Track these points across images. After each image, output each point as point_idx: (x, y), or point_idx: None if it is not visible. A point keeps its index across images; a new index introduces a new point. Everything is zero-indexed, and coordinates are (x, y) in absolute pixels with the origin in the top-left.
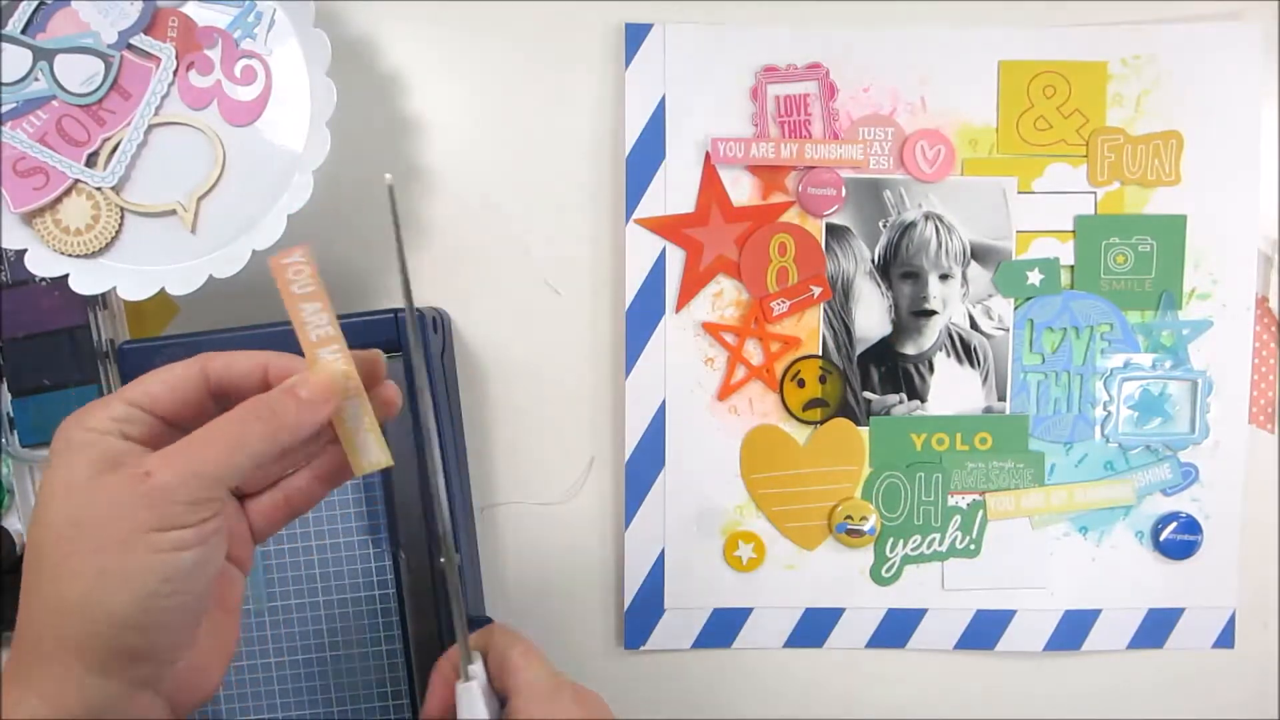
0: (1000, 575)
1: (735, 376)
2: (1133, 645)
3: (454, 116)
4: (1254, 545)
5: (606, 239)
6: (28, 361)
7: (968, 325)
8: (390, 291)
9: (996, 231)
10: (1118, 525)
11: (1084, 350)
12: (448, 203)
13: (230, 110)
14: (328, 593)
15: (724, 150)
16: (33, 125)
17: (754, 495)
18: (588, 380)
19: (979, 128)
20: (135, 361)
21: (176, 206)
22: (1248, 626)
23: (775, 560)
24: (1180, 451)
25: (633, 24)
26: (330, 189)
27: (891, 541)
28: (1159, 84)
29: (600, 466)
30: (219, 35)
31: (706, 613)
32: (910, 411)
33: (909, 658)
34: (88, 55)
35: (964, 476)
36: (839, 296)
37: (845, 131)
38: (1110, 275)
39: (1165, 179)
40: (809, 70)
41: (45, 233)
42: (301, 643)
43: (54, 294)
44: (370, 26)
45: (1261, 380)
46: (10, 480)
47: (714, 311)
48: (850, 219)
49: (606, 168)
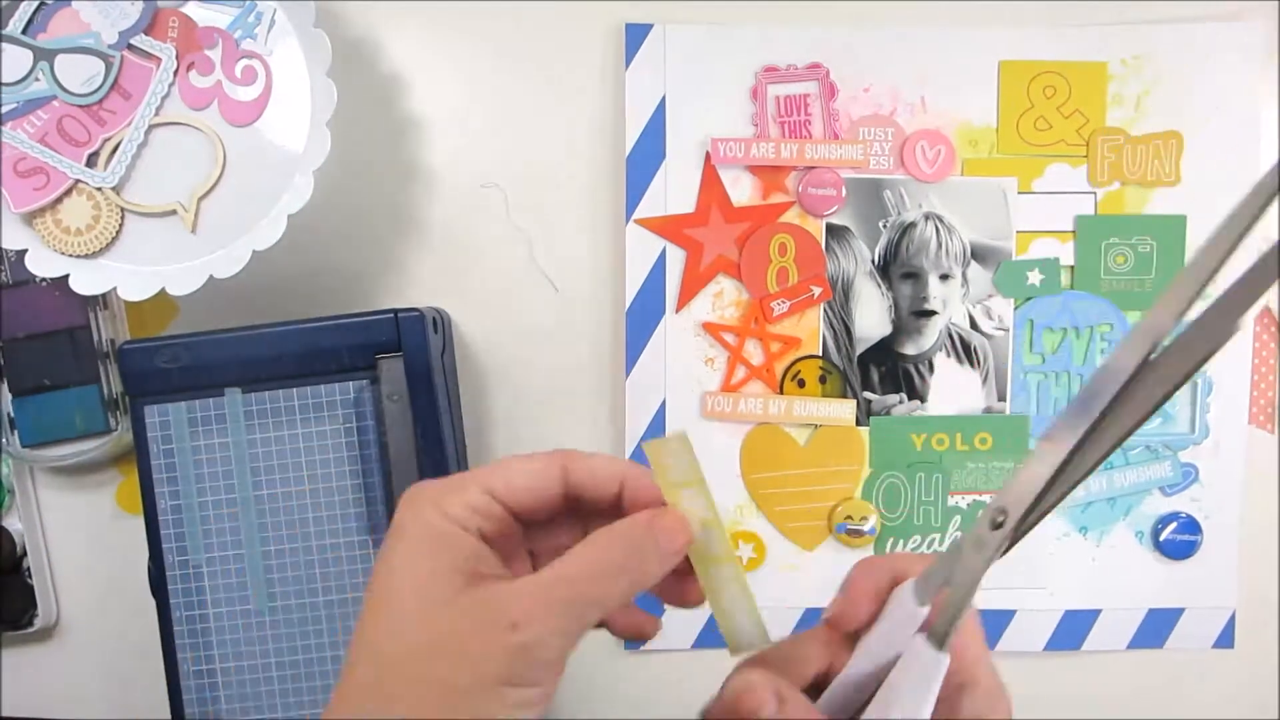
0: (1000, 575)
1: (735, 376)
2: (1133, 645)
3: (454, 117)
4: (1254, 545)
5: (606, 239)
6: (28, 361)
7: (968, 325)
8: (390, 292)
9: (996, 231)
10: (1118, 525)
11: (1084, 350)
12: (448, 203)
13: (230, 110)
14: (328, 593)
15: (724, 150)
16: (33, 125)
17: (754, 495)
18: (588, 380)
19: (979, 128)
20: (135, 361)
21: (177, 206)
22: (1248, 626)
23: (775, 560)
24: (1180, 451)
25: (633, 24)
26: (330, 189)
27: (892, 541)
28: (1159, 84)
29: None
30: (219, 35)
31: (706, 613)
32: (910, 412)
33: None
34: (88, 55)
35: (964, 477)
36: (839, 296)
37: (845, 131)
38: (1110, 275)
39: (1165, 179)
40: (809, 70)
41: (46, 233)
42: (301, 643)
43: (54, 294)
44: (370, 26)
45: (1261, 380)
46: (10, 480)
47: (714, 311)
48: (850, 219)
49: (606, 168)
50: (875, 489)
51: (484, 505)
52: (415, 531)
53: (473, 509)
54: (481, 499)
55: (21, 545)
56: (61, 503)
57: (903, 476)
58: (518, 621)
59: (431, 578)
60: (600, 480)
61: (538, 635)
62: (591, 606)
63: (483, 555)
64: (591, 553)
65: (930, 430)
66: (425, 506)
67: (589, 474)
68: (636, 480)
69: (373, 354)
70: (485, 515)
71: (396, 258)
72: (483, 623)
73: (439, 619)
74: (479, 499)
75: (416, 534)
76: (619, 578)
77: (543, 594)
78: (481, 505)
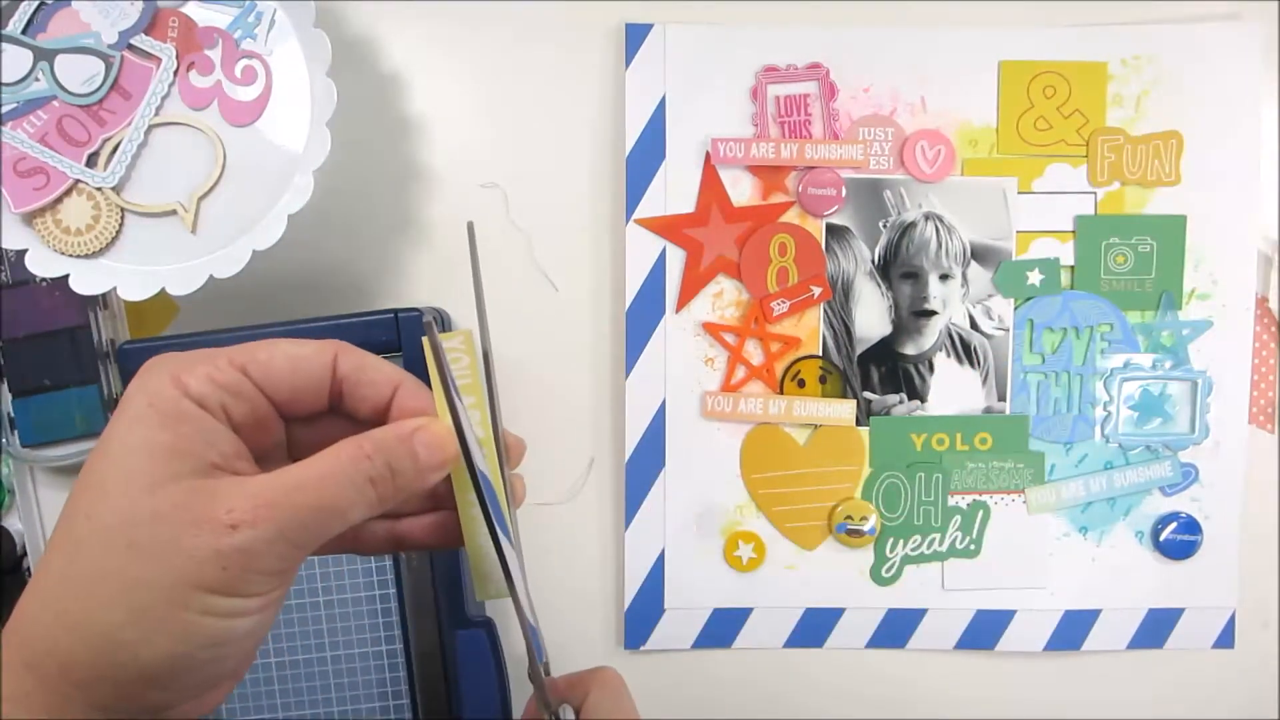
0: (1000, 575)
1: (735, 376)
2: (1133, 645)
3: (454, 117)
4: (1254, 545)
5: (606, 239)
6: (28, 361)
7: (968, 325)
8: (390, 292)
9: (996, 231)
10: (1118, 525)
11: (1084, 350)
12: (448, 203)
13: (231, 110)
14: (328, 593)
15: (724, 150)
16: (33, 125)
17: (754, 495)
18: (588, 380)
19: (979, 128)
20: (135, 361)
21: (177, 207)
22: (1248, 626)
23: (775, 560)
24: (1180, 452)
25: (633, 24)
26: (331, 189)
27: (891, 541)
28: (1159, 84)
29: (600, 467)
30: (219, 35)
31: (706, 613)
32: (910, 411)
33: (909, 658)
34: (88, 55)
35: (964, 476)
36: (839, 296)
37: (845, 131)
38: (1110, 275)
39: (1165, 179)
40: (809, 70)
41: (46, 233)
42: (302, 643)
43: (54, 294)
44: (370, 26)
45: (1261, 380)
46: (10, 480)
47: (714, 311)
48: (850, 219)
49: (606, 168)
50: (875, 489)
51: (232, 382)
52: (141, 402)
53: (217, 384)
54: (230, 374)
55: (21, 545)
56: (61, 503)
57: (903, 476)
58: (239, 521)
59: (148, 456)
60: (374, 380)
61: (259, 539)
62: (329, 515)
63: (221, 440)
64: (339, 456)
65: (930, 430)
66: (160, 376)
67: (360, 369)
68: (412, 392)
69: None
70: (234, 393)
71: (396, 258)
72: (197, 517)
73: (143, 505)
74: (227, 374)
75: (142, 405)
76: (366, 488)
77: (274, 495)
78: (229, 382)
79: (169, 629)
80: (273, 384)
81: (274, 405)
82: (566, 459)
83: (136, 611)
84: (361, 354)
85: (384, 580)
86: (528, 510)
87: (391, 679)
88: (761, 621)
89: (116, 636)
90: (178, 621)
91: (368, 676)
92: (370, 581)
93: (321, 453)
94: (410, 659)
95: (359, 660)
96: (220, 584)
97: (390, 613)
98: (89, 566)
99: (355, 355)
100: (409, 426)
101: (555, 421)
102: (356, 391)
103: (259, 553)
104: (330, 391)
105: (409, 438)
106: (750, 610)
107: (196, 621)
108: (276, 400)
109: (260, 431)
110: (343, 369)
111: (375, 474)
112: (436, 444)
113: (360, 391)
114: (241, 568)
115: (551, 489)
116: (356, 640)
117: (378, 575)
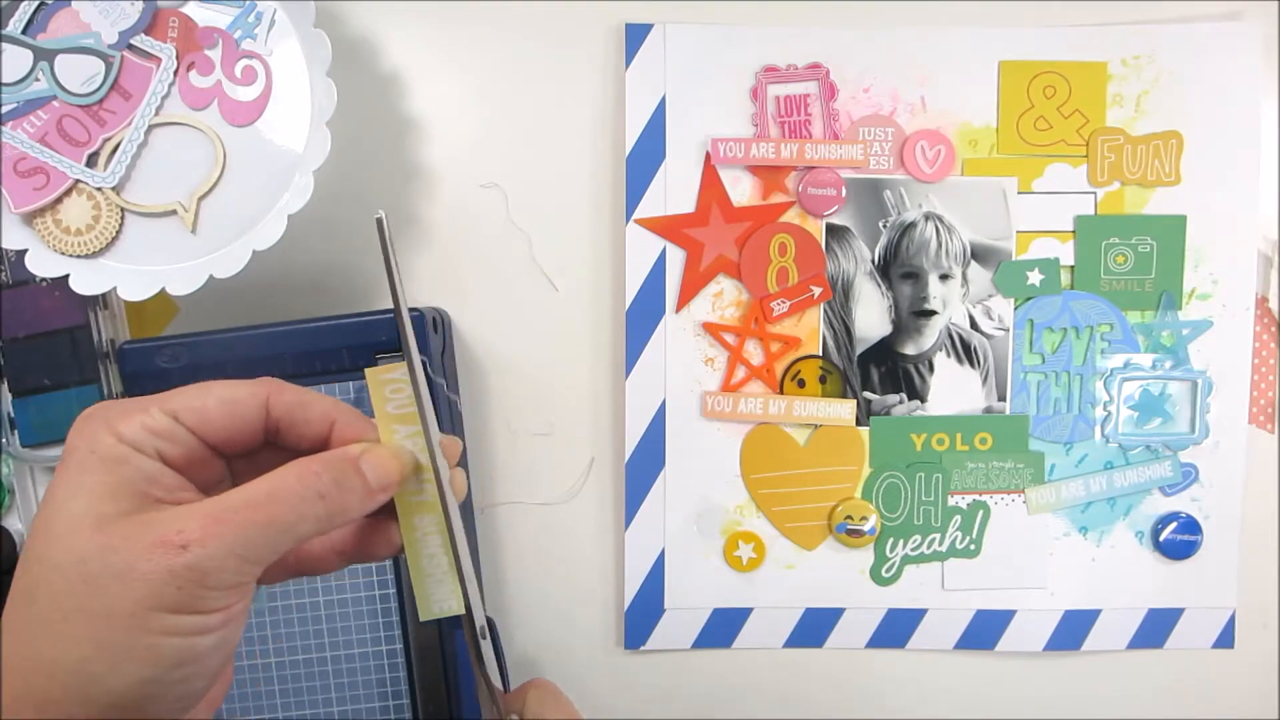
0: (1000, 575)
1: (735, 376)
2: (1133, 645)
3: (454, 117)
4: (1254, 545)
5: (606, 239)
6: (28, 361)
7: (968, 325)
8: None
9: (996, 231)
10: (1118, 525)
11: (1084, 350)
12: (448, 203)
13: (231, 110)
14: (328, 593)
15: (724, 150)
16: (33, 125)
17: (754, 495)
18: (587, 380)
19: (979, 128)
20: (135, 361)
21: (177, 206)
22: (1248, 626)
23: (775, 560)
24: (1180, 451)
25: (633, 24)
26: (331, 189)
27: (891, 541)
28: (1159, 84)
29: (600, 467)
30: (219, 35)
31: (706, 613)
32: (910, 411)
33: (909, 658)
34: (88, 55)
35: (964, 476)
36: (839, 296)
37: (845, 131)
38: (1110, 275)
39: (1165, 179)
40: (809, 70)
41: (46, 233)
42: (302, 643)
43: (54, 294)
44: (370, 26)
45: (1261, 380)
46: (10, 480)
47: (714, 311)
48: (850, 219)
49: (606, 168)
50: (875, 489)
51: (164, 428)
52: (81, 452)
53: (150, 430)
54: (162, 421)
55: (21, 545)
56: None
57: (903, 476)
58: (189, 541)
59: (92, 498)
60: (308, 418)
61: (210, 555)
62: (278, 532)
63: (162, 477)
64: (287, 474)
65: (930, 430)
66: (97, 427)
67: (296, 408)
68: (349, 424)
69: (373, 354)
70: (167, 438)
71: (397, 257)
72: (148, 544)
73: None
74: (159, 421)
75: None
76: (314, 504)
77: (223, 512)
78: (162, 428)
79: (134, 655)
80: (206, 427)
81: (209, 446)
82: (566, 459)
83: (102, 644)
84: (297, 391)
85: (384, 580)
86: (528, 510)
87: (391, 679)
88: (761, 621)
89: (86, 671)
90: (141, 647)
91: (368, 676)
92: (370, 581)
93: (270, 473)
94: (410, 659)
95: (359, 660)
96: (177, 603)
97: (390, 613)
98: (49, 608)
99: (290, 393)
100: (355, 450)
101: (555, 421)
102: (293, 430)
103: (211, 569)
104: (266, 429)
105: (355, 460)
106: (750, 610)
107: (159, 643)
108: (211, 442)
109: (201, 468)
110: (276, 410)
111: (324, 489)
112: (381, 466)
113: (297, 430)
114: (196, 584)
115: (551, 489)
116: (356, 640)
117: (378, 575)
